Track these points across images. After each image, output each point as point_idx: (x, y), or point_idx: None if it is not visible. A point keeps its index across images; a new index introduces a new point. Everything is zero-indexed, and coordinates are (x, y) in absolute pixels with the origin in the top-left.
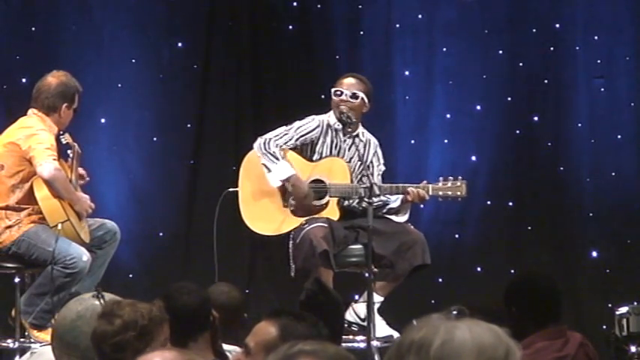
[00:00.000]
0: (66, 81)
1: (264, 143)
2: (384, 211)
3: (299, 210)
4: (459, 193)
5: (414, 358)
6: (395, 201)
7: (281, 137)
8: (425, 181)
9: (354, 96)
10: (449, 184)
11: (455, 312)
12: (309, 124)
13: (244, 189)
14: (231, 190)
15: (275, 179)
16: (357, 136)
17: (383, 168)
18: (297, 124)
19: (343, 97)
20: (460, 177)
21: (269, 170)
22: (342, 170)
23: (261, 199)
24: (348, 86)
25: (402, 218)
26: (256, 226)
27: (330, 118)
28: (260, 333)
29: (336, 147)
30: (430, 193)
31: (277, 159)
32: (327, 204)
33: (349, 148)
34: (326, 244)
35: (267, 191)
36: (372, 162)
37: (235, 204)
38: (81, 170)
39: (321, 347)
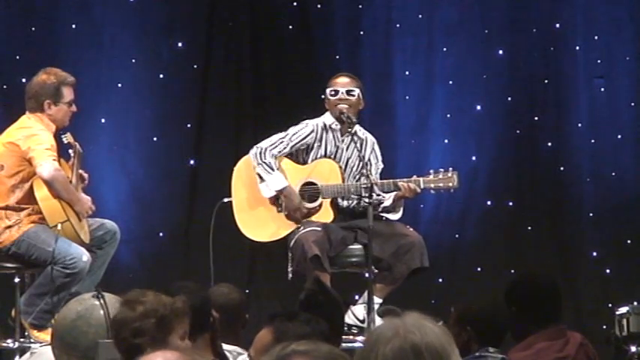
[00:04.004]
0: (44, 78)
1: (260, 153)
2: (380, 209)
3: (292, 218)
4: (450, 184)
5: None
6: (388, 199)
7: (276, 146)
8: (415, 176)
9: (350, 93)
10: (440, 176)
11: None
12: (304, 129)
13: (238, 198)
14: (225, 200)
15: (268, 190)
16: (355, 134)
17: (381, 165)
18: (291, 130)
19: (340, 95)
20: (451, 168)
21: (262, 180)
22: (334, 172)
23: (256, 206)
24: (343, 84)
25: (396, 216)
26: (254, 234)
27: (325, 119)
28: (258, 341)
29: (334, 148)
30: (422, 186)
31: (272, 169)
32: (320, 206)
33: (347, 148)
34: (317, 248)
35: (261, 198)
36: (369, 160)
37: (232, 211)
38: (82, 172)
39: (314, 347)
